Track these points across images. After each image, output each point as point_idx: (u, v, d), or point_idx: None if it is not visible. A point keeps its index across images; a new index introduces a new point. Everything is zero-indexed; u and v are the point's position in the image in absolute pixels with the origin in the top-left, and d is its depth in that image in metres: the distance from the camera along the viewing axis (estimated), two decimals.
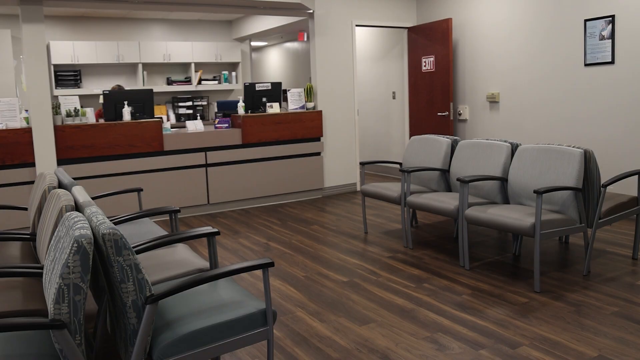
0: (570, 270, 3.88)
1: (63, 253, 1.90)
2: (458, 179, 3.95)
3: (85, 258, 1.83)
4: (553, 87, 5.91)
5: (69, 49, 8.08)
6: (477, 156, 4.46)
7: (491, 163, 4.32)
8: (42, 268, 2.43)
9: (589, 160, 3.73)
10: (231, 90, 9.73)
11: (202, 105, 9.15)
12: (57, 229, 2.22)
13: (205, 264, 2.83)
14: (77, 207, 2.60)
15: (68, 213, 2.18)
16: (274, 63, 11.56)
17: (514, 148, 4.29)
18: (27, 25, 5.37)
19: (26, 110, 5.92)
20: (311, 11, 6.85)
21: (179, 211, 3.31)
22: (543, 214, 3.61)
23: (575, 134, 5.72)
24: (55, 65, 8.13)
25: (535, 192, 3.44)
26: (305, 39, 10.05)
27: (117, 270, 1.95)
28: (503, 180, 4.18)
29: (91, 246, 1.84)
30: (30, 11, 5.38)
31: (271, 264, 2.22)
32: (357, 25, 7.18)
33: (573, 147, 3.77)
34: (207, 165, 6.20)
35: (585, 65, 5.53)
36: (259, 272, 4.06)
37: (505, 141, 4.35)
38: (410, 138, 7.73)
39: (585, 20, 5.47)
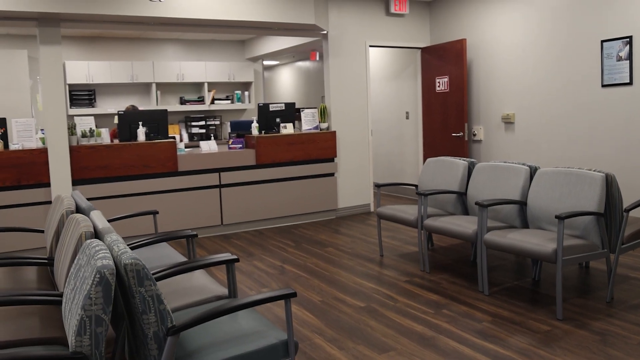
0: (593, 297, 3.79)
1: (84, 283, 1.87)
2: (477, 203, 3.90)
3: (108, 289, 1.81)
4: (570, 108, 5.86)
5: (84, 68, 8.15)
6: (494, 179, 4.41)
7: (509, 186, 4.26)
8: (60, 295, 2.40)
9: (610, 185, 3.67)
10: (244, 110, 9.75)
11: (215, 125, 9.18)
12: (77, 257, 2.19)
13: (224, 291, 2.79)
14: (96, 233, 2.58)
15: (88, 241, 2.15)
16: (286, 81, 11.61)
17: (532, 171, 4.23)
18: (45, 46, 5.42)
19: (42, 130, 5.95)
20: (325, 32, 6.87)
21: (196, 236, 3.28)
22: (565, 239, 3.54)
23: (593, 156, 5.65)
24: (70, 85, 8.20)
25: (557, 217, 3.38)
26: (318, 58, 10.09)
27: (139, 301, 1.91)
28: (522, 204, 4.12)
29: (113, 277, 1.81)
30: (48, 33, 5.43)
31: (293, 295, 2.18)
32: (370, 46, 7.19)
33: (594, 170, 3.71)
34: (220, 186, 6.18)
35: (603, 86, 5.48)
36: None
37: (523, 164, 4.30)
38: (424, 158, 7.70)
39: (602, 41, 5.43)
